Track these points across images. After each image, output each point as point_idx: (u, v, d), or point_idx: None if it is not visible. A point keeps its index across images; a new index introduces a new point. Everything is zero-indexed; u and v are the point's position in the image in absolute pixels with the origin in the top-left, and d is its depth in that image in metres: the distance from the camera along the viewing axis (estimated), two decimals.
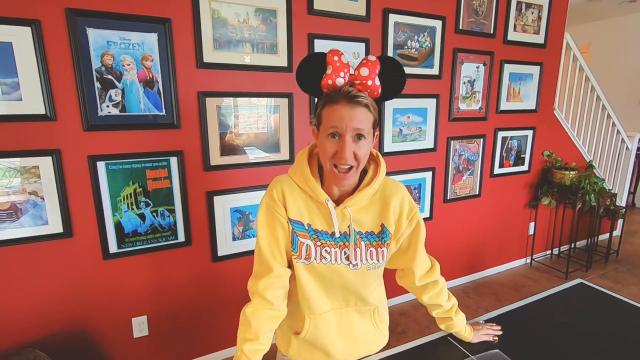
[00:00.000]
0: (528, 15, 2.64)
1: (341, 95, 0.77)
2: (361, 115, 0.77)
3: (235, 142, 1.84)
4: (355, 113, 0.76)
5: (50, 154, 1.49)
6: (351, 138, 0.77)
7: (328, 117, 0.78)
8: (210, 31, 1.69)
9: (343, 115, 0.76)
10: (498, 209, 2.93)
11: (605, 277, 2.98)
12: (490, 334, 1.05)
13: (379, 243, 0.89)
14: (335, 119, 0.76)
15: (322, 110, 0.80)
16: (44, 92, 1.44)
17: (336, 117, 0.76)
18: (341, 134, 0.77)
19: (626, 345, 1.02)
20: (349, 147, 0.77)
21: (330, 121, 0.77)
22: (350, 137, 0.77)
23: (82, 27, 1.47)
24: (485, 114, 2.64)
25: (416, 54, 2.25)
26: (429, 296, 0.99)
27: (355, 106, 0.76)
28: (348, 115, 0.76)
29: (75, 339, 1.67)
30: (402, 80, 0.83)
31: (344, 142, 0.76)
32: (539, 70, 2.79)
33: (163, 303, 1.84)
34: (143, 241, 1.73)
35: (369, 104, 0.78)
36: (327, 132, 0.78)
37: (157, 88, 1.63)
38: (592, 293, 1.30)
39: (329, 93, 0.79)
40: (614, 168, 3.66)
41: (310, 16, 1.90)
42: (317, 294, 0.89)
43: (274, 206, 0.86)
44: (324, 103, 0.79)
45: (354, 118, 0.76)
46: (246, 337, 0.84)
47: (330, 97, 0.78)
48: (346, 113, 0.76)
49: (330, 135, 0.78)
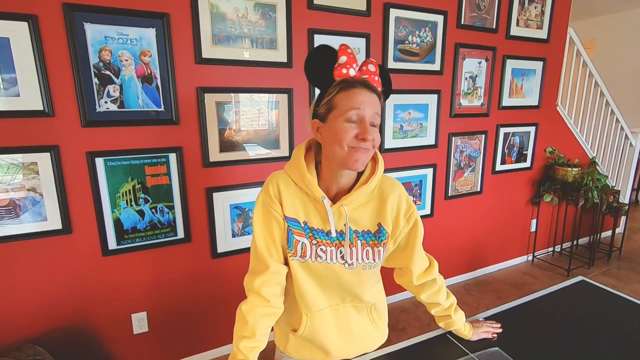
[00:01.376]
0: (531, 10, 2.61)
1: (359, 82, 0.78)
2: (377, 103, 0.79)
3: (235, 138, 1.83)
4: (373, 100, 0.78)
5: (48, 150, 1.49)
6: (370, 122, 0.77)
7: (346, 101, 0.76)
8: (209, 26, 1.68)
9: (364, 99, 0.76)
10: (500, 205, 2.92)
11: (608, 274, 2.96)
12: (489, 332, 1.04)
13: (375, 242, 0.87)
14: (357, 101, 0.76)
15: (337, 96, 0.78)
16: (42, 88, 1.44)
17: (357, 100, 0.76)
18: (362, 116, 0.76)
19: (628, 343, 1.01)
20: (371, 129, 0.77)
21: (350, 104, 0.76)
22: (370, 120, 0.77)
23: (80, 22, 1.46)
24: (487, 110, 2.62)
25: (417, 49, 2.23)
26: (427, 294, 0.99)
27: (372, 93, 0.78)
28: (368, 100, 0.77)
29: (75, 335, 1.67)
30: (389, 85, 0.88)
31: (365, 124, 0.76)
32: (542, 66, 2.76)
33: (163, 299, 1.84)
34: (142, 238, 1.72)
35: (381, 95, 0.80)
36: (345, 117, 0.76)
37: (155, 84, 1.62)
38: (594, 290, 1.29)
39: (346, 79, 0.79)
40: (617, 165, 3.63)
41: (310, 11, 1.88)
42: (313, 291, 0.88)
43: (269, 203, 0.85)
44: (340, 89, 0.78)
45: (372, 104, 0.77)
46: (243, 334, 0.83)
47: (348, 82, 0.78)
48: (367, 98, 0.77)
49: (347, 119, 0.76)
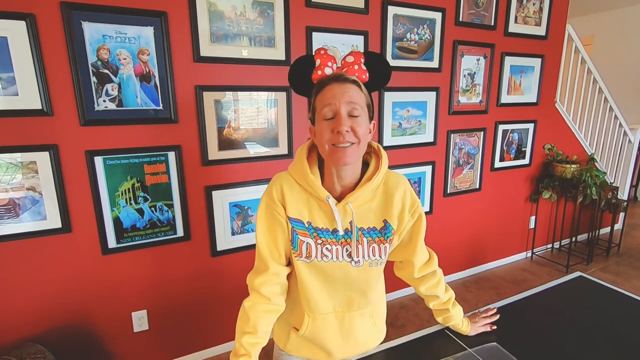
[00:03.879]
0: (529, 7, 2.61)
1: (330, 78, 0.79)
2: (352, 90, 0.78)
3: (233, 136, 1.83)
4: (346, 88, 0.77)
5: (47, 149, 1.49)
6: (346, 112, 0.77)
7: (320, 100, 0.79)
8: (207, 24, 1.68)
9: (335, 92, 0.77)
10: (499, 202, 2.92)
11: (607, 270, 2.97)
12: (487, 324, 1.05)
13: (382, 239, 0.87)
14: (328, 97, 0.77)
15: (315, 98, 0.81)
16: (40, 87, 1.44)
17: (328, 96, 0.77)
18: (335, 110, 0.77)
19: (626, 338, 1.01)
20: (345, 120, 0.76)
21: (323, 102, 0.78)
22: (345, 111, 0.77)
23: (78, 21, 1.45)
24: (486, 107, 2.62)
25: (415, 47, 2.23)
26: (426, 287, 0.99)
27: (344, 82, 0.78)
28: (340, 91, 0.77)
29: (75, 334, 1.68)
30: (388, 69, 0.85)
31: (339, 116, 0.76)
32: (540, 63, 2.77)
33: (163, 297, 1.84)
34: (142, 236, 1.73)
35: (357, 81, 0.79)
36: (322, 115, 0.78)
37: (153, 82, 1.62)
38: (592, 286, 1.29)
39: (320, 80, 0.80)
40: (615, 161, 3.64)
41: (308, 9, 1.88)
42: (319, 293, 0.88)
43: (273, 206, 0.85)
44: (316, 91, 0.80)
45: (345, 93, 0.77)
46: (245, 330, 0.84)
47: (321, 82, 0.80)
48: (338, 90, 0.77)
49: (325, 117, 0.78)
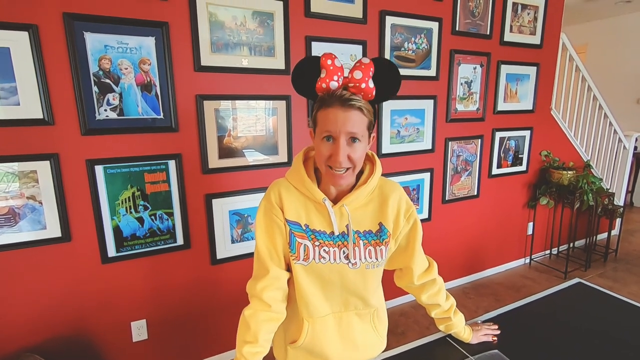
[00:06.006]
0: (524, 16, 2.65)
1: (335, 98, 0.77)
2: (355, 118, 0.77)
3: (234, 144, 1.84)
4: (348, 116, 0.77)
5: (48, 158, 1.49)
6: (345, 141, 0.78)
7: (322, 120, 0.79)
8: (208, 34, 1.70)
9: (337, 118, 0.77)
10: (496, 209, 2.94)
11: (604, 276, 2.98)
12: (489, 334, 1.05)
13: (377, 241, 0.89)
14: (330, 122, 0.77)
15: (317, 113, 0.81)
16: (42, 97, 1.45)
17: (330, 121, 0.77)
18: (335, 137, 0.78)
19: (625, 343, 1.02)
20: (343, 150, 0.77)
21: (324, 124, 0.78)
22: (345, 140, 0.78)
23: (80, 31, 1.47)
24: (483, 115, 2.65)
25: (413, 56, 2.26)
26: (427, 295, 1.00)
27: (348, 109, 0.77)
28: (342, 118, 0.76)
29: (74, 343, 1.66)
30: (397, 80, 0.83)
31: (337, 145, 0.77)
32: (536, 71, 2.81)
33: (162, 306, 1.83)
34: (142, 245, 1.72)
35: (362, 106, 0.78)
36: (322, 135, 0.79)
37: (154, 92, 1.64)
38: (591, 292, 1.30)
39: (323, 96, 0.80)
40: (611, 167, 3.67)
41: (307, 19, 1.91)
42: (316, 295, 0.89)
43: (271, 209, 0.87)
44: (319, 106, 0.81)
45: (347, 121, 0.76)
46: (245, 339, 0.84)
47: (324, 100, 0.79)
48: (340, 116, 0.76)
49: (324, 138, 0.79)
